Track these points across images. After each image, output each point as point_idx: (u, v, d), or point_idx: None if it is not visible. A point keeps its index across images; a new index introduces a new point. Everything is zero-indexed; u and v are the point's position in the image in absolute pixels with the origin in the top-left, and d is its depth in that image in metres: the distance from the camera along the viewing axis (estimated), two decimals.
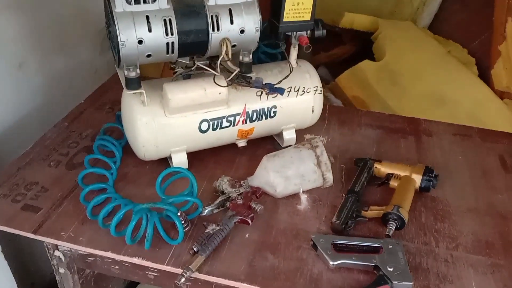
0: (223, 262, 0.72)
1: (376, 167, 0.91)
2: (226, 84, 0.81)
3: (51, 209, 0.80)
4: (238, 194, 0.81)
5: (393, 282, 0.68)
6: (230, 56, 0.80)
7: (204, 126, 0.86)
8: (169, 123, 0.84)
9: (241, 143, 0.95)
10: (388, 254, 0.72)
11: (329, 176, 0.83)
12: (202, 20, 0.77)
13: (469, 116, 1.49)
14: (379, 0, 1.97)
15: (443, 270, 0.73)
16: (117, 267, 0.79)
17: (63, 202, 0.82)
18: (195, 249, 0.72)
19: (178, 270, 0.70)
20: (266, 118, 0.91)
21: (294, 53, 0.93)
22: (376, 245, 0.74)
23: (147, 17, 0.73)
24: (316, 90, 0.94)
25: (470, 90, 1.58)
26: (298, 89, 0.93)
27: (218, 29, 0.78)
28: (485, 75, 1.66)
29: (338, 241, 0.75)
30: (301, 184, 0.83)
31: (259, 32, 0.82)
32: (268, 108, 0.91)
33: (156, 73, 1.59)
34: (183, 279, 0.68)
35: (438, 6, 1.86)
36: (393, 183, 0.88)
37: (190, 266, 0.69)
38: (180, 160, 0.88)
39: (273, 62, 0.97)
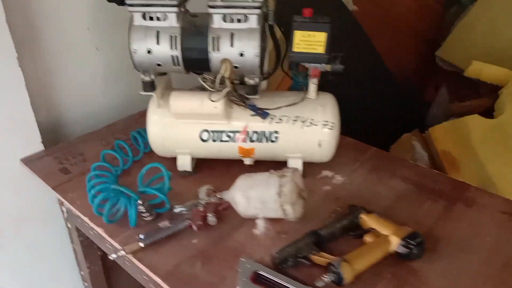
0: (158, 256, 0.78)
1: (361, 217, 0.83)
2: (217, 99, 0.87)
3: (76, 176, 1.00)
4: (206, 203, 0.86)
5: None
6: (227, 75, 0.86)
7: (205, 135, 0.94)
8: (173, 125, 0.94)
9: (247, 161, 0.99)
10: None
11: (288, 209, 0.80)
12: (203, 40, 0.85)
13: None
14: None
15: None
16: (91, 232, 0.94)
17: (87, 173, 1.00)
18: (141, 236, 0.80)
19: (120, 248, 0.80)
20: (267, 142, 0.93)
21: (312, 84, 0.93)
22: None
23: (157, 32, 0.85)
24: (326, 124, 0.91)
25: None
26: (305, 120, 0.92)
27: (218, 50, 0.85)
28: None
29: (262, 273, 0.72)
30: (261, 210, 0.82)
31: (258, 57, 0.85)
32: (269, 132, 0.92)
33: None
34: (114, 256, 0.78)
35: None
36: (368, 239, 0.79)
37: (125, 247, 0.78)
38: (183, 162, 0.98)
39: (299, 91, 0.98)
